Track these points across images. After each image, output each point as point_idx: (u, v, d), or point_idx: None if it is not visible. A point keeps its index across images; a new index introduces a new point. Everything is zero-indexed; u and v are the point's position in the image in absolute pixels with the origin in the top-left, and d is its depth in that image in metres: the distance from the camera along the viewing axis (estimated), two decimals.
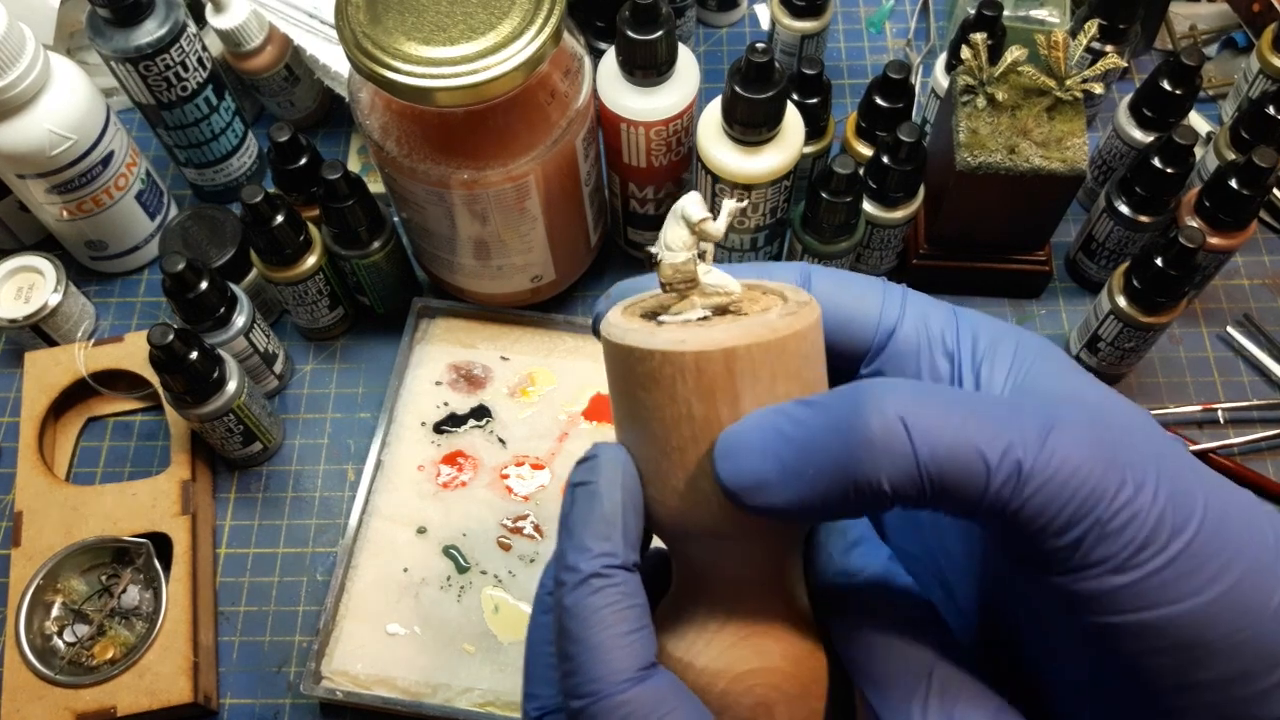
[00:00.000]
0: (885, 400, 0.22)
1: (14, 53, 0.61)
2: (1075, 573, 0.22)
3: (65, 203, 0.69)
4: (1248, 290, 0.73)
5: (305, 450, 0.70)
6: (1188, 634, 0.22)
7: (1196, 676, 0.22)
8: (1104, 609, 0.22)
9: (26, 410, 0.67)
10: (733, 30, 0.86)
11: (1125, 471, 0.22)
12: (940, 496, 0.22)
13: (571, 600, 0.25)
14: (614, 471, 0.26)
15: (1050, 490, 0.21)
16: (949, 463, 0.22)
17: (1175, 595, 0.22)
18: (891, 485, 0.22)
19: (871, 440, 0.22)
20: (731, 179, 0.61)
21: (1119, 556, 0.21)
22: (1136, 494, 0.22)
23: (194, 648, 0.60)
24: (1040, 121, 0.62)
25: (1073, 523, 0.22)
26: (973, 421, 0.22)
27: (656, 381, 0.25)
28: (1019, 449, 0.22)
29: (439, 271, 0.70)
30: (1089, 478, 0.22)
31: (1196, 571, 0.22)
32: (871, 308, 0.29)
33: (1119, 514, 0.21)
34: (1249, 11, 0.81)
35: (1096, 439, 0.22)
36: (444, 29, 0.53)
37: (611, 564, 0.25)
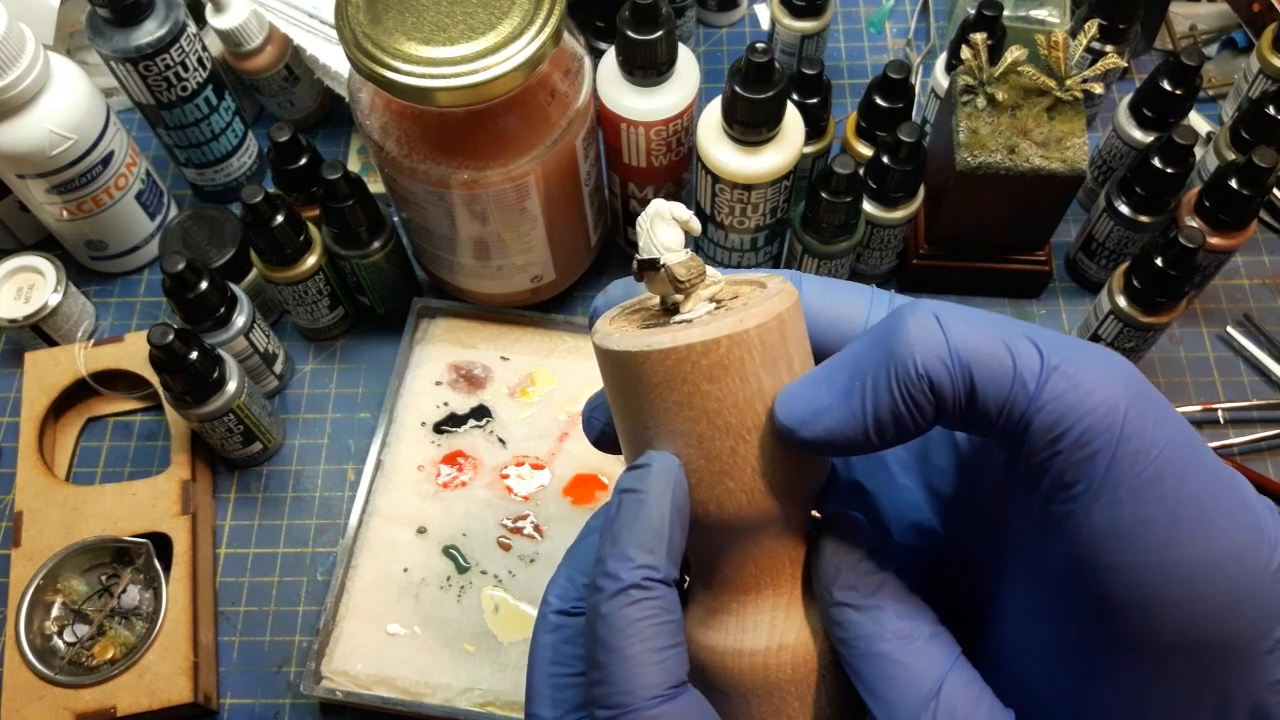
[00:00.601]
0: (921, 306, 0.24)
1: (14, 53, 0.61)
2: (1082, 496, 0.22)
3: (65, 203, 0.69)
4: (1248, 290, 0.73)
5: (305, 450, 0.70)
6: (1193, 584, 0.21)
7: (1194, 633, 0.22)
8: (1111, 545, 0.22)
9: (26, 410, 0.67)
10: (733, 30, 0.86)
11: (1148, 405, 0.22)
12: (970, 389, 0.23)
13: (609, 608, 0.25)
14: (665, 482, 0.26)
15: (1071, 398, 0.22)
16: (978, 350, 0.22)
17: (1188, 538, 0.21)
18: (925, 367, 0.23)
19: (908, 331, 0.23)
20: (731, 179, 0.61)
21: (1133, 484, 0.21)
22: (1156, 425, 0.22)
23: (194, 648, 0.60)
24: (1040, 121, 0.62)
25: (1091, 436, 0.21)
26: (1002, 326, 0.23)
27: (725, 368, 0.25)
28: (1045, 352, 0.22)
29: (439, 271, 0.70)
30: (1111, 396, 0.22)
31: (1206, 518, 0.22)
32: (859, 309, 0.29)
33: (1137, 437, 0.21)
34: (1249, 11, 0.81)
35: (1123, 370, 0.22)
36: (444, 29, 0.53)
37: (653, 577, 0.25)
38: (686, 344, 0.25)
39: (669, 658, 0.24)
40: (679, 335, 0.25)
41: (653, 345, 0.26)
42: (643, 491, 0.26)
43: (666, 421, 0.26)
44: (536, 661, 0.28)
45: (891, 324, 0.24)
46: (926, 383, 0.23)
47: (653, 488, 0.25)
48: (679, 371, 0.26)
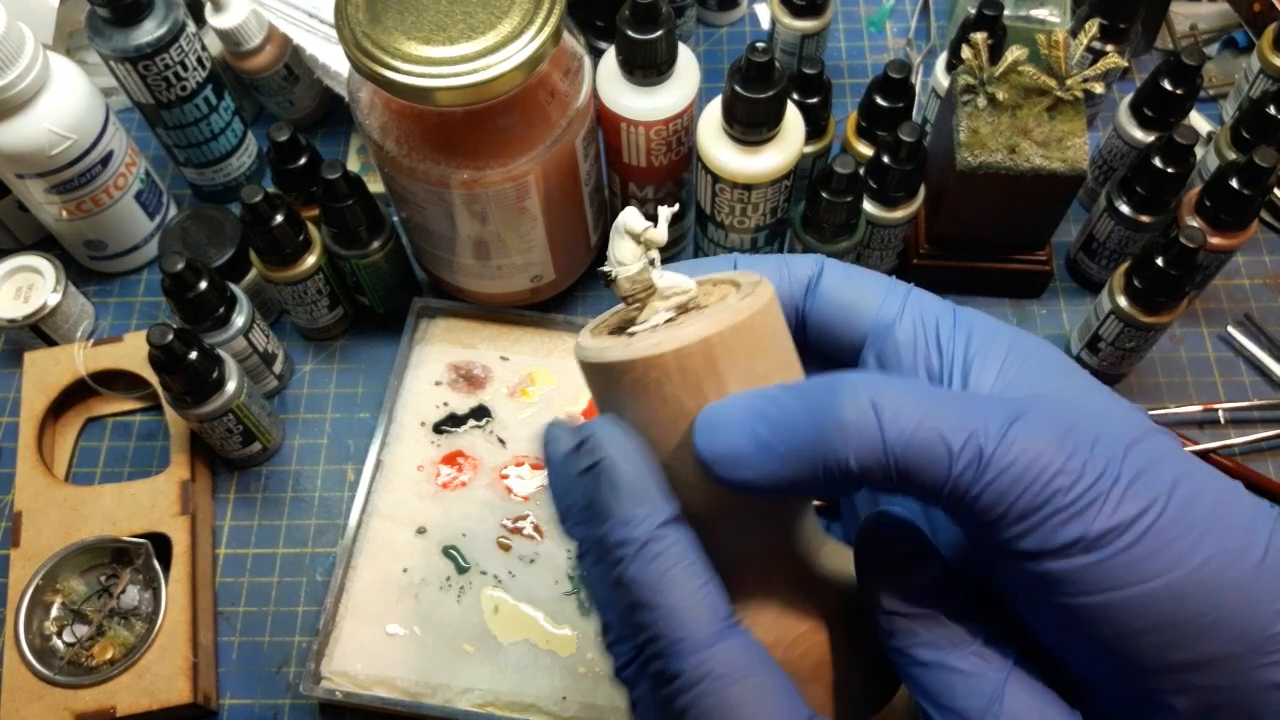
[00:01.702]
0: (859, 387, 0.24)
1: (13, 52, 0.61)
2: (1040, 558, 0.23)
3: (64, 202, 0.68)
4: (1248, 290, 0.73)
5: (305, 450, 0.70)
6: (1158, 614, 0.22)
7: (1175, 657, 0.22)
8: (1073, 590, 0.23)
9: (26, 410, 0.67)
10: (733, 30, 0.86)
11: (1086, 458, 0.23)
12: (905, 480, 0.23)
13: (634, 571, 0.25)
14: (619, 440, 0.26)
15: (1010, 476, 0.22)
16: (914, 447, 0.23)
17: (1141, 575, 0.22)
18: (859, 465, 0.23)
19: (843, 422, 0.23)
20: (731, 179, 0.61)
21: (1085, 539, 0.22)
22: (1098, 479, 0.22)
23: (193, 648, 0.60)
24: (1041, 121, 0.62)
25: (1033, 508, 0.22)
26: (939, 410, 0.23)
27: (644, 389, 0.26)
28: (981, 436, 0.23)
29: (439, 271, 0.69)
30: (1049, 465, 0.22)
31: (1161, 552, 0.22)
32: (872, 300, 0.30)
33: (1080, 499, 0.22)
34: (1249, 11, 0.81)
35: (1058, 429, 0.23)
36: (444, 28, 0.53)
37: (660, 521, 0.25)
38: (606, 362, 0.26)
39: (706, 596, 0.25)
40: (609, 351, 0.26)
41: (588, 356, 0.27)
42: (604, 458, 0.26)
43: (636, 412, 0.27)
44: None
45: (826, 401, 0.24)
46: (856, 477, 0.23)
47: (611, 451, 0.26)
48: (608, 385, 0.27)
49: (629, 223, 0.28)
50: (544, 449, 0.28)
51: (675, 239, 0.74)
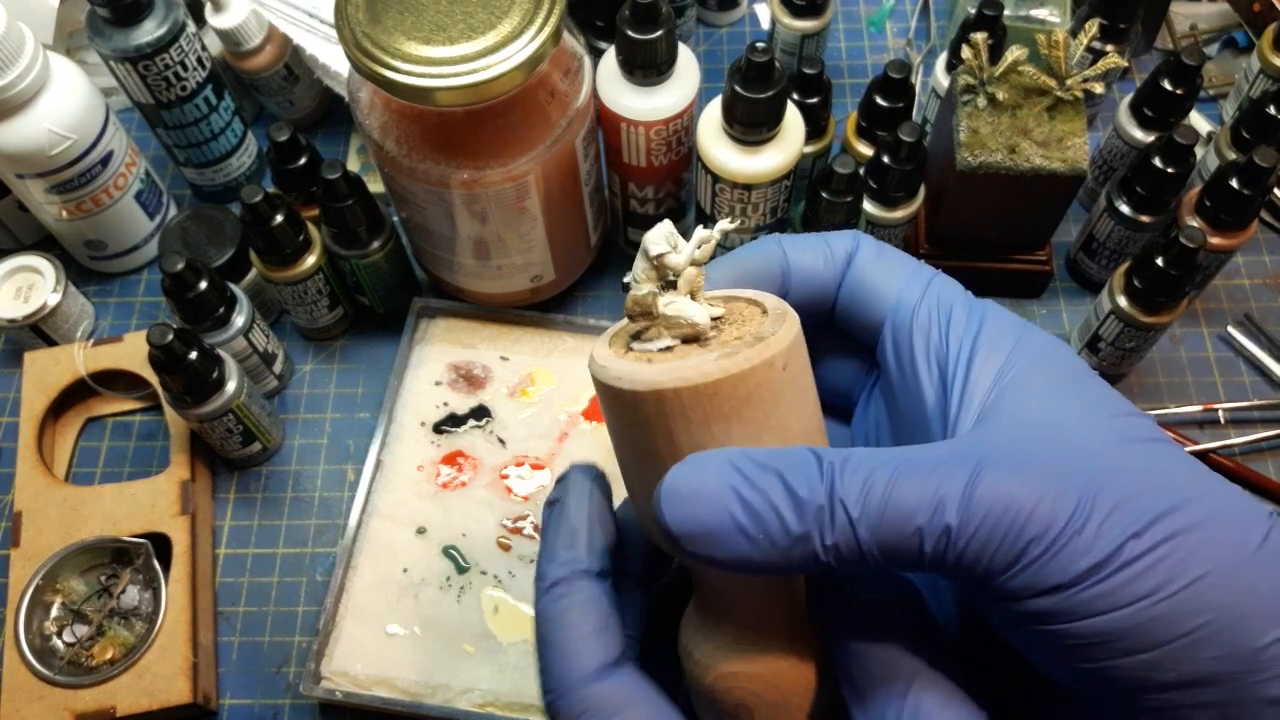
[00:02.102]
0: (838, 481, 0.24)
1: (13, 52, 0.61)
2: (1024, 600, 0.23)
3: (64, 202, 0.68)
4: (1248, 290, 0.73)
5: (305, 450, 0.70)
6: (1144, 635, 0.22)
7: (1161, 678, 0.23)
8: (1057, 619, 0.23)
9: (26, 410, 0.67)
10: (733, 30, 0.86)
11: (1054, 502, 0.23)
12: (885, 564, 0.24)
13: (541, 605, 0.27)
14: (581, 489, 0.29)
15: (981, 537, 0.23)
16: (886, 536, 0.23)
17: (1122, 599, 0.22)
18: (838, 559, 0.24)
19: (814, 518, 0.23)
20: (731, 179, 0.61)
21: (1069, 574, 0.22)
22: (1069, 520, 0.23)
23: (193, 648, 0.60)
24: (1041, 121, 0.62)
25: (1008, 563, 0.23)
26: (904, 486, 0.23)
27: (617, 409, 0.26)
28: (947, 508, 0.23)
29: (439, 271, 0.69)
30: (1017, 518, 0.23)
31: (1142, 576, 0.22)
32: (896, 283, 0.30)
33: (1053, 544, 0.22)
34: (1249, 11, 0.81)
35: (1025, 475, 0.23)
36: (444, 28, 0.53)
37: (575, 569, 0.27)
38: (593, 372, 0.27)
39: (596, 641, 0.26)
40: (596, 365, 0.27)
41: (593, 361, 0.27)
42: (563, 500, 0.29)
43: (615, 430, 0.28)
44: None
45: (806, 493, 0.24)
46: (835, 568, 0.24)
47: (571, 494, 0.29)
48: (606, 398, 0.27)
49: (648, 243, 0.28)
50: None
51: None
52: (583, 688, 0.26)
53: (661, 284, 0.28)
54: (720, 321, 0.28)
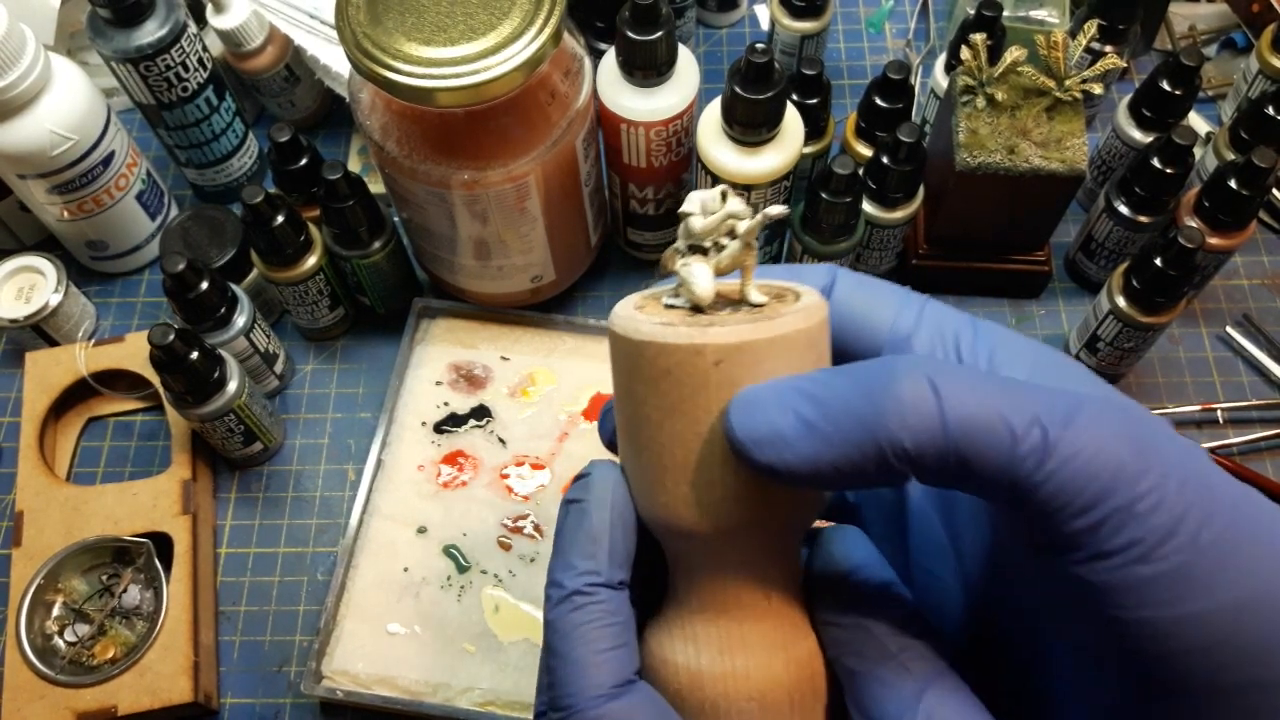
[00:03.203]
0: (917, 366, 0.22)
1: (15, 53, 0.61)
2: (1096, 560, 0.21)
3: (66, 203, 0.69)
4: (1247, 290, 0.73)
5: (306, 450, 0.70)
6: (1217, 633, 0.21)
7: (1222, 679, 0.21)
8: (1127, 601, 0.21)
9: (27, 410, 0.67)
10: (733, 30, 0.87)
11: (1153, 458, 0.21)
12: (963, 465, 0.21)
13: (554, 615, 0.26)
14: (604, 490, 0.26)
15: (1074, 467, 0.21)
16: (976, 427, 0.21)
17: (1205, 589, 0.21)
18: (916, 448, 0.21)
19: (900, 399, 0.21)
20: (731, 179, 0.61)
21: (1145, 543, 0.21)
22: (1163, 481, 0.21)
23: (194, 647, 0.60)
24: (1040, 122, 0.62)
25: (1096, 502, 0.21)
26: (1002, 394, 0.22)
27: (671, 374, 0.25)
28: (1046, 421, 0.21)
29: (439, 271, 0.70)
30: (1115, 458, 0.21)
31: (1227, 565, 0.21)
32: (887, 311, 0.28)
33: (1145, 498, 0.21)
34: (1248, 12, 0.81)
35: (1124, 425, 0.22)
36: (444, 29, 0.53)
37: (595, 581, 0.26)
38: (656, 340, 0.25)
39: (614, 657, 0.25)
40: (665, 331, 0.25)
41: (639, 332, 0.25)
42: (584, 500, 0.26)
43: (633, 408, 0.26)
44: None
45: (880, 379, 0.22)
46: (910, 459, 0.22)
47: (593, 496, 0.26)
48: (641, 363, 0.25)
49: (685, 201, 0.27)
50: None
51: (674, 240, 0.74)
52: (597, 706, 0.24)
53: (691, 247, 0.27)
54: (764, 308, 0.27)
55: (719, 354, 0.24)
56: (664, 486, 0.26)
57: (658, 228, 0.71)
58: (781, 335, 0.24)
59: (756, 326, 0.24)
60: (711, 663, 0.26)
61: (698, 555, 0.27)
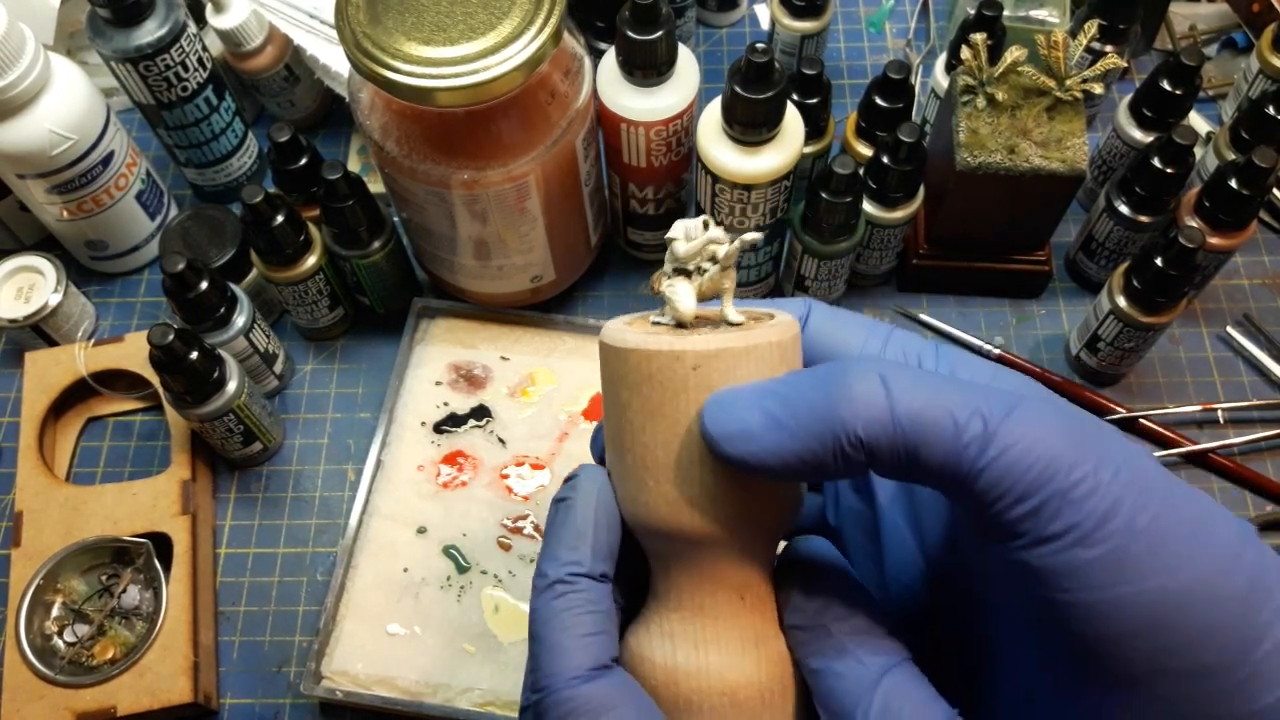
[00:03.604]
0: (870, 366, 0.24)
1: (14, 53, 0.61)
2: (1038, 544, 0.23)
3: (65, 203, 0.69)
4: (1247, 290, 0.73)
5: (305, 450, 0.70)
6: (1157, 616, 0.22)
7: (1164, 663, 0.22)
8: (1068, 585, 0.22)
9: (27, 410, 0.67)
10: (733, 30, 0.86)
11: (1089, 449, 0.23)
12: (912, 453, 0.23)
13: (538, 603, 0.27)
14: (590, 489, 0.28)
15: (1013, 455, 0.22)
16: (922, 418, 0.23)
17: (1144, 572, 0.22)
18: (868, 435, 0.23)
19: (853, 393, 0.24)
20: (731, 179, 0.61)
21: (1081, 528, 0.22)
22: (1098, 469, 0.22)
23: (194, 647, 0.60)
24: (1040, 121, 0.62)
25: (1034, 489, 0.22)
26: (947, 389, 0.24)
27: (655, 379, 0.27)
28: (987, 413, 0.23)
29: (439, 271, 0.70)
30: (1051, 449, 0.22)
31: (1165, 550, 0.22)
32: (856, 340, 0.30)
33: (1080, 484, 0.22)
34: (1249, 11, 0.81)
35: (1062, 420, 0.23)
36: (444, 29, 0.53)
37: (577, 571, 0.27)
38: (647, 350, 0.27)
39: (592, 643, 0.26)
40: (634, 338, 0.27)
41: (626, 342, 0.27)
42: (570, 499, 0.28)
43: (618, 413, 0.28)
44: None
45: (837, 376, 0.24)
46: (864, 449, 0.24)
47: (579, 495, 0.28)
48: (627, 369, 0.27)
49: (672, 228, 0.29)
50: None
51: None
52: (572, 687, 0.26)
53: (676, 270, 0.29)
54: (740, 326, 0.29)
55: (697, 359, 0.26)
56: (645, 486, 0.27)
57: (658, 227, 0.71)
58: (755, 345, 0.26)
59: (732, 336, 0.27)
60: (686, 659, 0.27)
61: (677, 555, 0.28)
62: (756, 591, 0.28)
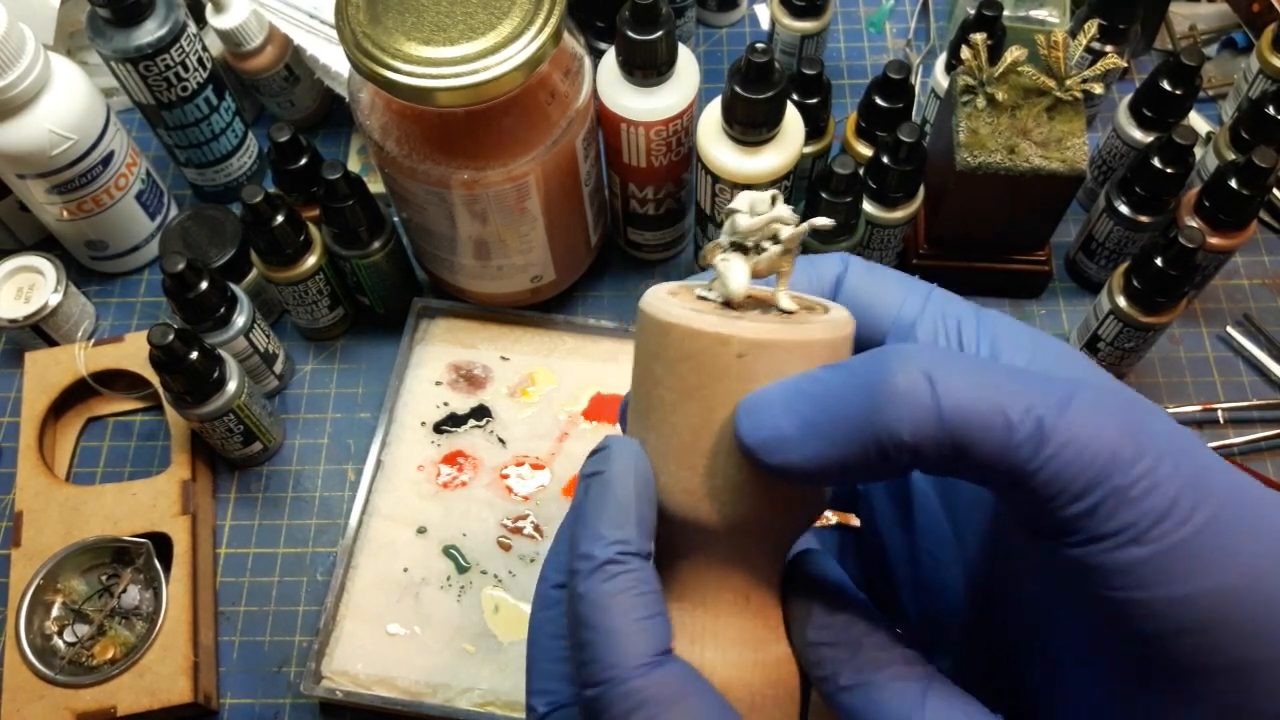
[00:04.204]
0: (911, 358, 0.22)
1: (14, 53, 0.61)
2: (1092, 543, 0.21)
3: (65, 203, 0.69)
4: (1247, 290, 0.73)
5: (305, 450, 0.70)
6: (1210, 614, 0.21)
7: (1214, 661, 0.22)
8: (1122, 583, 0.21)
9: (27, 410, 0.67)
10: (733, 30, 0.86)
11: (1146, 443, 0.21)
12: (960, 453, 0.22)
13: (586, 587, 0.25)
14: (626, 460, 0.26)
15: (1070, 453, 0.21)
16: (971, 416, 0.21)
17: (1199, 570, 0.21)
18: (914, 437, 0.22)
19: (896, 391, 0.22)
20: (731, 179, 0.61)
21: (1138, 526, 0.21)
22: (1157, 465, 0.21)
23: (194, 647, 0.60)
24: (1040, 121, 0.62)
25: (1091, 487, 0.21)
26: (997, 382, 0.22)
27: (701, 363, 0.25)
28: (1041, 409, 0.21)
29: (439, 271, 0.70)
30: (1109, 444, 0.21)
31: (1221, 547, 0.21)
32: (894, 298, 0.29)
33: (1139, 482, 0.21)
34: (1249, 11, 0.81)
35: (1119, 411, 0.22)
36: (444, 29, 0.53)
37: (626, 550, 0.25)
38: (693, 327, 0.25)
39: (650, 626, 0.24)
40: (695, 318, 0.25)
41: (681, 318, 0.25)
42: (605, 472, 0.26)
43: (649, 388, 0.26)
44: (537, 637, 0.28)
45: (877, 372, 0.23)
46: (910, 451, 0.22)
47: (614, 467, 0.26)
48: (666, 344, 0.25)
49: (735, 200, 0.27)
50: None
51: (674, 240, 0.74)
52: (639, 677, 0.23)
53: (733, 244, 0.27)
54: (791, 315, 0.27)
55: (744, 347, 0.24)
56: (667, 469, 0.26)
57: (658, 227, 0.71)
58: (805, 340, 0.25)
59: (784, 328, 0.25)
60: (681, 651, 0.26)
61: (686, 545, 0.27)
62: (762, 596, 0.27)
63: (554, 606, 0.28)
